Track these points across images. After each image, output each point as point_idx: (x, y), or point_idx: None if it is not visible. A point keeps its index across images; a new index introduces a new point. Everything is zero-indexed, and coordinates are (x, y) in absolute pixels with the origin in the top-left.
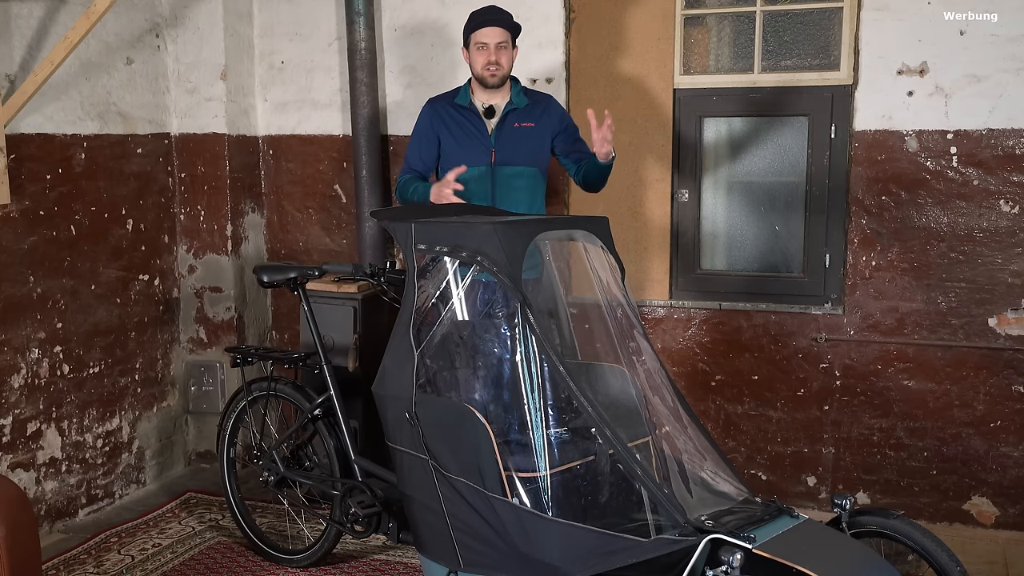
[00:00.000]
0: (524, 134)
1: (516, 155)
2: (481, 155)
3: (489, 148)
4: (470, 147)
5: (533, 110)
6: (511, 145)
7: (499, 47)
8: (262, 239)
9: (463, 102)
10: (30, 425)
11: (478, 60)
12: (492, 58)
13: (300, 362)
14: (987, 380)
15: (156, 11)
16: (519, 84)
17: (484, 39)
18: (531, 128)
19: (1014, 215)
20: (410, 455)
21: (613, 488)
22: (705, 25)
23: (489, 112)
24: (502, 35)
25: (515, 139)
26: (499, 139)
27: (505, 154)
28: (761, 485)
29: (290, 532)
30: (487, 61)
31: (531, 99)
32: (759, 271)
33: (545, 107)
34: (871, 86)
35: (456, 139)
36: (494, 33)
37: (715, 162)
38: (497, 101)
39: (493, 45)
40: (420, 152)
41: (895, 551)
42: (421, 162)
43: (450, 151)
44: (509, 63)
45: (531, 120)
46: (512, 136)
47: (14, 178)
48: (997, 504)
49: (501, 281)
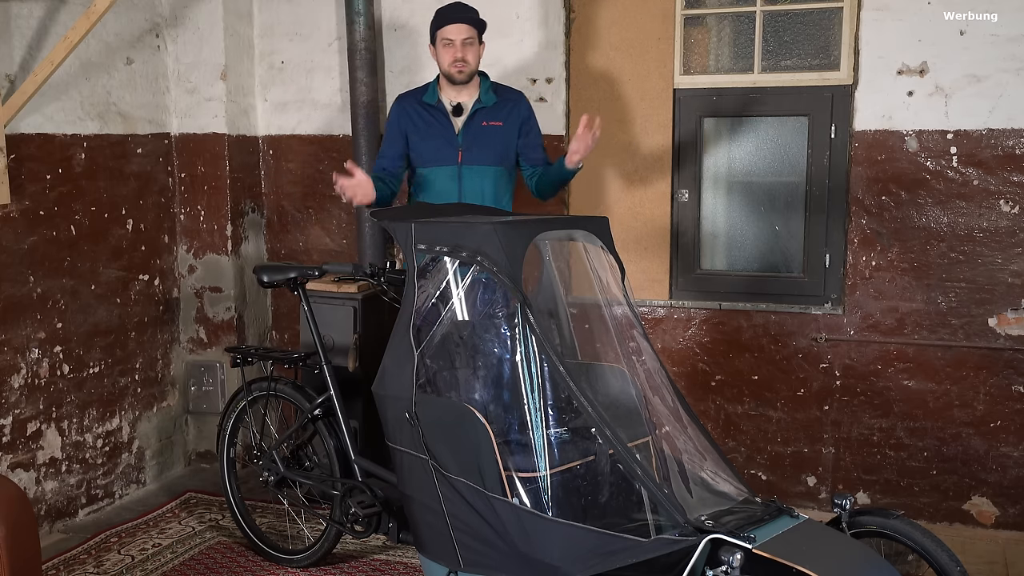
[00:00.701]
0: (492, 133)
1: (483, 154)
2: (448, 154)
3: (456, 147)
4: (437, 146)
5: (502, 108)
6: (478, 144)
7: (465, 43)
8: (262, 239)
9: (431, 100)
10: (30, 425)
11: (445, 57)
12: (459, 55)
13: (300, 362)
14: (987, 380)
15: (156, 11)
16: (488, 80)
17: (450, 36)
18: (499, 127)
19: (1014, 215)
20: (410, 455)
21: (613, 488)
22: (705, 25)
23: (457, 110)
24: (468, 31)
25: (482, 138)
26: (466, 138)
27: (472, 153)
28: (761, 485)
29: (290, 532)
30: (454, 58)
31: (500, 96)
32: (759, 271)
33: (514, 105)
34: (871, 86)
35: (423, 137)
36: (460, 29)
37: (715, 162)
38: (465, 99)
39: (459, 41)
40: (391, 148)
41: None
42: (390, 160)
43: (417, 149)
44: (476, 59)
45: (499, 119)
46: (479, 135)
47: (14, 178)
48: (997, 504)
49: (501, 281)
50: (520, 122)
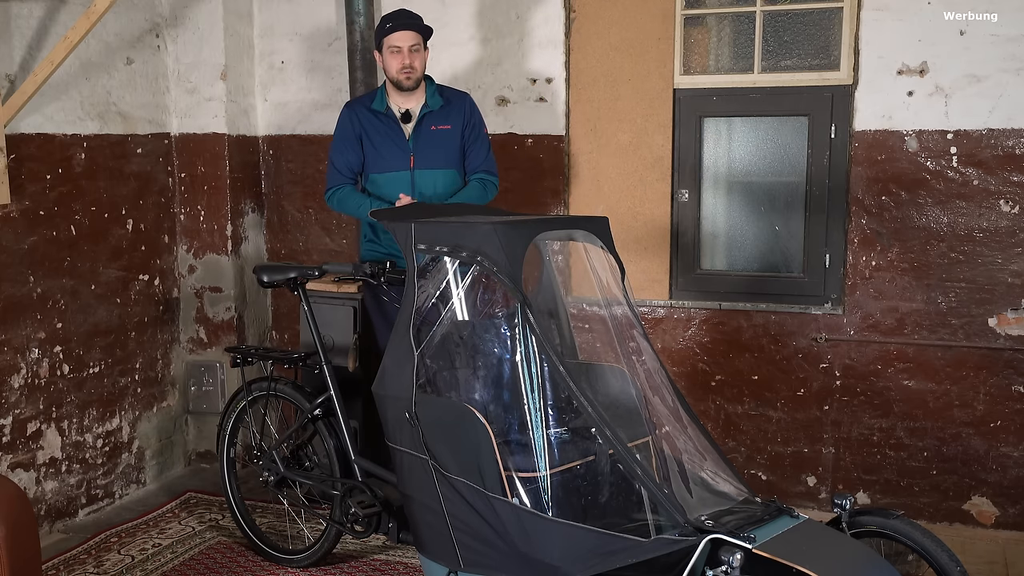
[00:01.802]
0: (441, 137)
1: (435, 158)
2: (400, 160)
3: (408, 153)
4: (389, 153)
5: (449, 112)
6: (429, 149)
7: (412, 50)
8: (262, 239)
9: (379, 107)
10: (30, 425)
11: (392, 64)
12: (406, 61)
13: (300, 362)
14: (987, 380)
15: (156, 11)
16: (434, 84)
17: (397, 43)
18: (447, 131)
19: (1014, 215)
20: (410, 455)
21: (613, 488)
22: (705, 25)
23: (406, 117)
24: (414, 38)
25: (432, 142)
26: (417, 143)
27: (424, 158)
28: (761, 485)
29: (290, 532)
30: (401, 64)
31: (446, 99)
32: (759, 271)
33: (460, 107)
34: (871, 86)
35: (375, 145)
36: (406, 37)
37: (715, 162)
38: (412, 105)
39: (406, 48)
40: (346, 158)
41: (895, 551)
42: (349, 168)
43: (371, 156)
44: (422, 65)
45: (447, 122)
46: (429, 140)
47: (14, 178)
48: (997, 504)
49: (501, 281)
50: (463, 123)
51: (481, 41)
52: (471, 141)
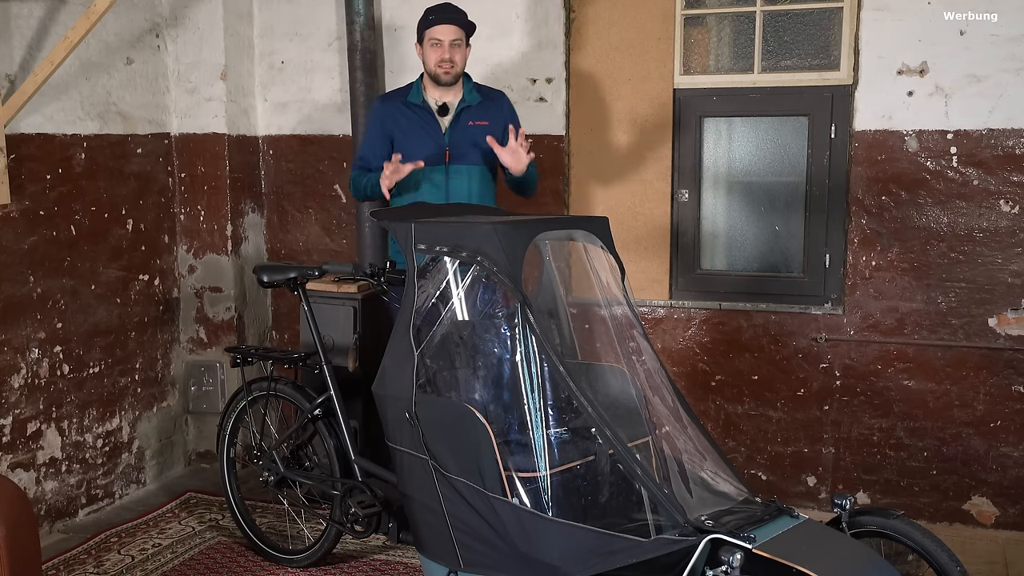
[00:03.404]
0: (478, 132)
1: (470, 154)
2: (435, 154)
3: (443, 147)
4: (424, 146)
5: (487, 108)
6: (465, 144)
7: (453, 44)
8: (262, 239)
9: (416, 100)
10: (30, 425)
11: (431, 57)
12: (446, 55)
13: (300, 362)
14: (987, 380)
15: (156, 11)
16: (471, 81)
17: (439, 36)
18: (485, 127)
19: (1014, 215)
20: (410, 455)
21: (613, 488)
22: (705, 25)
23: (443, 110)
24: (456, 33)
25: (469, 138)
26: (453, 137)
27: (459, 153)
28: (761, 485)
29: (290, 532)
30: (440, 58)
31: (484, 96)
32: (759, 271)
33: (499, 105)
34: (871, 86)
35: (409, 138)
36: (448, 31)
37: (715, 162)
38: (450, 98)
39: (447, 42)
40: (374, 149)
41: (895, 551)
42: (375, 159)
43: (403, 150)
44: (463, 61)
45: (485, 118)
46: (466, 135)
47: (14, 178)
48: (997, 504)
49: (501, 281)
50: (504, 121)
51: (482, 41)
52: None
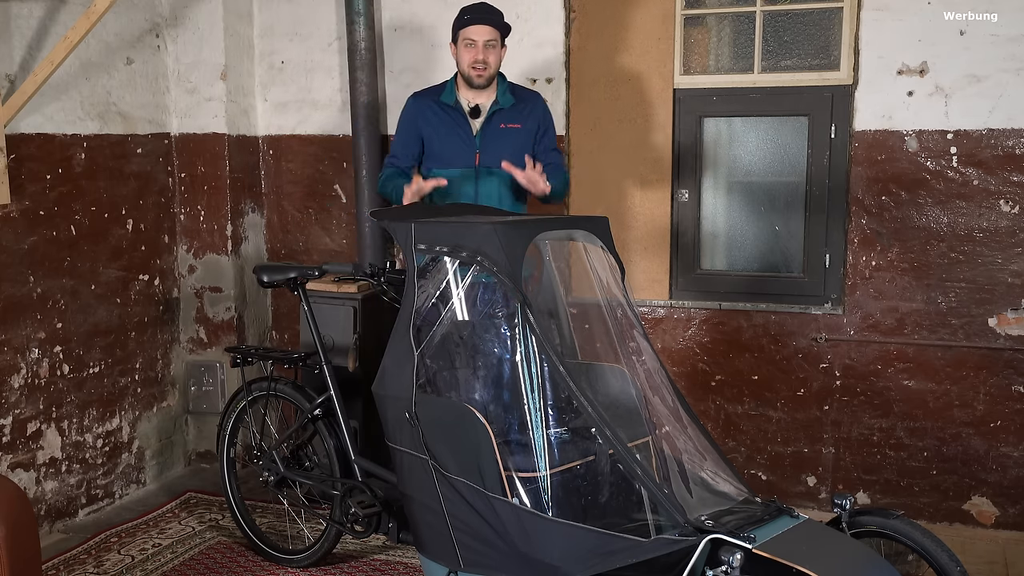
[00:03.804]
0: (510, 136)
1: (501, 157)
2: (465, 156)
3: (474, 149)
4: (454, 147)
5: (521, 110)
6: (496, 147)
7: (487, 45)
8: (262, 239)
9: (448, 100)
10: (30, 425)
11: (465, 57)
12: (480, 56)
13: (300, 362)
14: (987, 380)
15: (156, 11)
16: (506, 81)
17: (473, 36)
18: (517, 129)
19: (1014, 215)
20: (410, 455)
21: (613, 488)
22: (705, 25)
23: (475, 112)
24: (491, 33)
25: (500, 141)
26: (484, 140)
27: (490, 156)
28: (761, 485)
29: (290, 532)
30: (474, 59)
31: (517, 98)
32: (759, 271)
33: (532, 107)
34: (871, 86)
35: (440, 138)
36: (483, 31)
37: (715, 162)
38: (483, 100)
39: (481, 43)
40: (405, 147)
41: (895, 551)
42: (407, 157)
43: (433, 150)
44: (497, 62)
45: (518, 121)
46: (497, 137)
47: (14, 178)
48: (997, 504)
49: (501, 281)
50: (537, 124)
51: None
52: (543, 145)
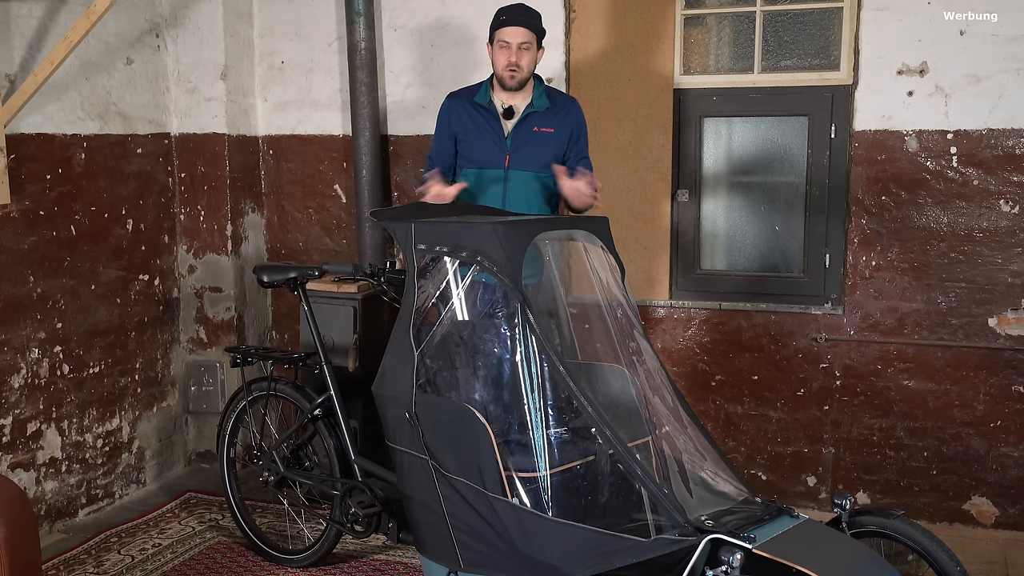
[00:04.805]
0: (542, 139)
1: (532, 160)
2: (496, 157)
3: (504, 151)
4: (485, 148)
5: (555, 114)
6: (527, 150)
7: (521, 48)
8: (262, 239)
9: (482, 101)
10: (30, 425)
11: (499, 59)
12: (513, 59)
13: (300, 362)
14: (987, 380)
15: (156, 11)
16: (542, 84)
17: (507, 38)
18: (550, 134)
19: (1014, 215)
20: (410, 455)
21: (613, 488)
22: (705, 25)
23: (508, 113)
24: (526, 35)
25: (532, 144)
26: (515, 142)
27: (520, 158)
28: (761, 485)
29: (290, 532)
30: (507, 61)
31: (553, 101)
32: (759, 271)
33: (567, 112)
34: (871, 86)
35: (471, 139)
36: (518, 33)
37: (715, 162)
38: (517, 102)
39: (515, 45)
40: (441, 149)
41: (895, 551)
42: (441, 159)
43: (465, 150)
44: (531, 65)
45: (551, 125)
46: (529, 140)
47: (14, 178)
48: (997, 504)
49: (501, 281)
50: (571, 130)
51: (481, 41)
52: (575, 151)
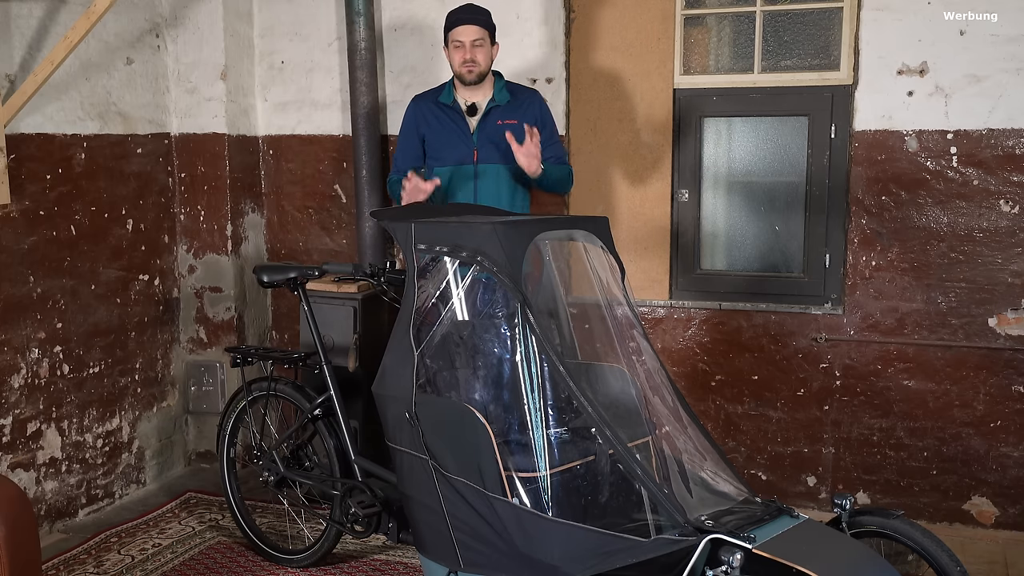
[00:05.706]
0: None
1: (498, 153)
2: (464, 153)
3: (471, 146)
4: (452, 145)
5: (517, 107)
6: (493, 143)
7: (475, 45)
8: (262, 239)
9: (446, 100)
10: (30, 425)
11: (455, 58)
12: (468, 56)
13: (300, 362)
14: (987, 380)
15: (156, 11)
16: (502, 79)
17: (460, 37)
18: (514, 125)
19: (1014, 215)
20: (410, 455)
21: (613, 488)
22: (705, 25)
23: (471, 110)
24: (478, 32)
25: (497, 137)
26: (481, 137)
27: (487, 152)
28: (761, 485)
29: (290, 532)
30: (463, 59)
31: (514, 95)
32: (759, 271)
33: (529, 103)
34: (871, 86)
35: (439, 137)
36: (470, 31)
37: (715, 162)
38: (479, 98)
39: (468, 43)
40: (405, 152)
41: (895, 551)
42: (408, 160)
43: (433, 149)
44: (486, 60)
45: (514, 117)
46: (495, 134)
47: (14, 178)
48: (997, 504)
49: (501, 281)
50: (534, 119)
51: None
52: (542, 139)
